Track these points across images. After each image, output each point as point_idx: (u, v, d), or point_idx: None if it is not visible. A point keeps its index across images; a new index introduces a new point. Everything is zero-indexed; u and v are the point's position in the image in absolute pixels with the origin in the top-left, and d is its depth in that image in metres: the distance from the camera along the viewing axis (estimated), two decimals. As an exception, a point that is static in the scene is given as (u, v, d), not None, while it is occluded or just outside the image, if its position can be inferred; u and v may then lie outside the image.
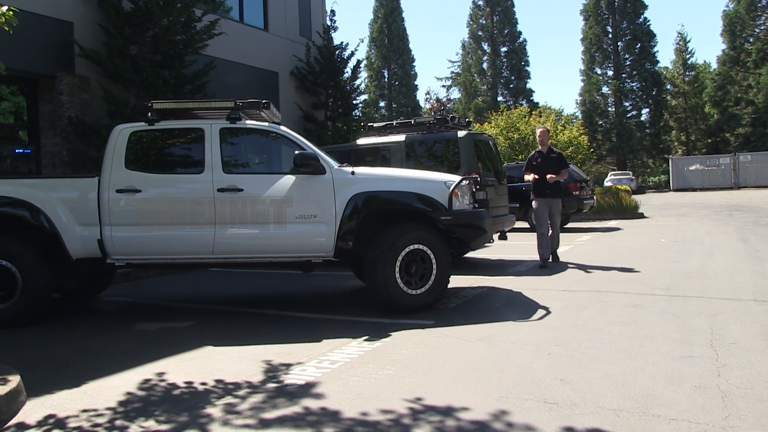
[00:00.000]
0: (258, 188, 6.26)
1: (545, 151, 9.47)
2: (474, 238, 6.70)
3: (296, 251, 6.31)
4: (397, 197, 6.33)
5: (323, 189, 6.26)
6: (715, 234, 12.96)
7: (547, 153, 9.45)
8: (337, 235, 6.20)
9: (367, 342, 5.19)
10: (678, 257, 9.57)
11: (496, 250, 11.15)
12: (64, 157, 11.29)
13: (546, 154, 9.44)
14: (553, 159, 9.41)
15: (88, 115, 11.54)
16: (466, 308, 6.47)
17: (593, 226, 16.54)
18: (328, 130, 19.36)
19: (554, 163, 9.38)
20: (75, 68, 11.51)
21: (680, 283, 7.36)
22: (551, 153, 9.48)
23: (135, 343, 5.61)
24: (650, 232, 14.17)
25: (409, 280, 6.26)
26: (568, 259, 9.85)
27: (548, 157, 9.42)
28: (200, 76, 12.84)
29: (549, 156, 9.43)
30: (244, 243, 6.26)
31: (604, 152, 52.68)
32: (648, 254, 10.13)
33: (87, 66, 11.61)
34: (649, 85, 52.15)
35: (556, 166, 9.37)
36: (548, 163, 9.37)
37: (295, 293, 8.20)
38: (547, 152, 9.46)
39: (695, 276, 7.80)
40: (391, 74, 56.26)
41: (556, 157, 9.44)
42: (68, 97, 11.33)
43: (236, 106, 6.56)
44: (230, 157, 6.49)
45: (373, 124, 11.12)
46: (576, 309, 6.16)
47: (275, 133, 6.56)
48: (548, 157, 9.42)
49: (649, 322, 5.49)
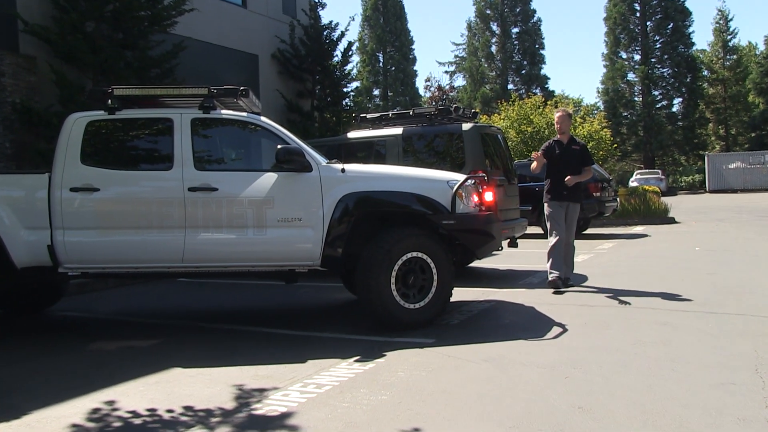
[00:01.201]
0: (235, 187, 6.27)
1: (566, 142, 8.46)
2: (480, 245, 6.73)
3: (278, 259, 6.32)
4: (393, 198, 6.35)
5: (309, 189, 6.27)
6: (759, 242, 13.03)
7: (567, 144, 8.44)
8: (325, 240, 6.22)
9: (359, 363, 5.20)
10: (715, 268, 9.63)
11: (505, 259, 11.18)
12: (7, 150, 11.22)
13: (567, 146, 8.43)
14: (576, 153, 8.42)
15: (36, 101, 11.47)
16: (471, 325, 6.49)
17: (616, 232, 16.61)
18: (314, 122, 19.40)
19: (576, 157, 8.41)
20: (19, 46, 11.44)
21: (718, 298, 7.40)
22: (573, 144, 8.48)
23: (90, 365, 5.60)
24: (682, 239, 14.26)
25: (406, 292, 6.29)
26: (588, 269, 9.90)
27: (569, 149, 8.42)
28: (168, 58, 12.86)
29: (570, 148, 8.42)
30: (218, 250, 6.26)
31: (630, 148, 52.91)
32: (680, 265, 10.19)
33: (34, 44, 11.55)
34: (682, 71, 52.35)
35: (579, 161, 8.41)
36: (569, 157, 8.38)
37: (277, 307, 8.20)
38: (568, 143, 8.46)
39: (735, 290, 7.84)
40: (386, 58, 56.40)
41: (579, 150, 8.47)
42: (11, 80, 11.25)
43: (210, 93, 6.56)
44: (203, 152, 6.50)
45: (366, 115, 11.16)
46: (597, 326, 6.19)
47: (255, 124, 6.57)
48: (569, 149, 8.42)
49: (682, 342, 5.51)
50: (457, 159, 9.61)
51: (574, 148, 8.45)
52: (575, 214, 8.52)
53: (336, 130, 18.66)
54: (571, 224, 8.47)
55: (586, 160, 8.48)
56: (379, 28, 55.73)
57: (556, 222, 8.38)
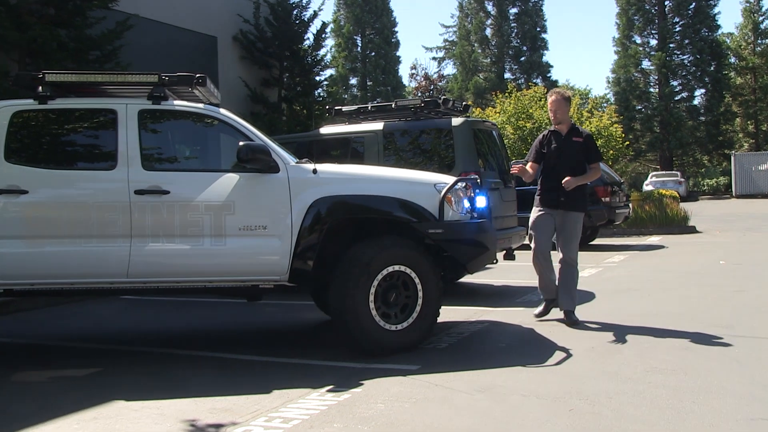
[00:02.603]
0: (189, 190, 6.28)
1: (564, 132, 7.68)
2: (472, 258, 6.77)
3: (239, 273, 6.32)
4: (372, 203, 6.39)
5: (276, 192, 6.29)
6: (790, 254, 13.20)
7: (567, 135, 7.66)
8: (294, 252, 6.24)
9: (332, 393, 5.21)
10: (743, 285, 9.72)
11: (500, 274, 11.25)
12: None
13: (566, 137, 7.65)
14: (578, 146, 7.64)
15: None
16: (462, 349, 6.53)
17: (628, 243, 16.77)
18: (282, 115, 19.41)
19: (579, 151, 7.65)
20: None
21: (746, 319, 7.48)
22: (574, 135, 7.67)
23: (14, 398, 5.55)
24: (705, 251, 14.41)
25: (387, 311, 6.32)
26: (596, 286, 9.98)
27: (569, 141, 7.63)
28: (111, 38, 12.79)
29: (571, 140, 7.63)
30: (169, 262, 6.25)
31: (644, 146, 53.26)
32: (702, 281, 10.30)
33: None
34: (705, 58, 52.75)
35: (583, 157, 7.69)
36: (569, 151, 7.61)
37: (238, 329, 8.19)
38: (568, 134, 7.66)
39: (766, 311, 7.93)
40: (365, 42, 56.53)
41: (582, 142, 7.66)
42: None
43: (161, 81, 6.55)
44: (152, 149, 6.50)
45: (342, 108, 11.19)
46: (606, 351, 6.25)
47: (213, 117, 6.59)
48: (569, 141, 7.63)
49: (705, 370, 5.56)
50: (445, 159, 9.67)
51: (575, 141, 7.64)
52: (576, 226, 7.66)
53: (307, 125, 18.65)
54: (570, 239, 7.63)
55: (592, 156, 7.73)
56: (357, 8, 55.84)
57: (541, 233, 7.67)
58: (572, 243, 7.65)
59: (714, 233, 18.65)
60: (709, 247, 15.23)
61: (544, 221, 7.65)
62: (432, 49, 64.14)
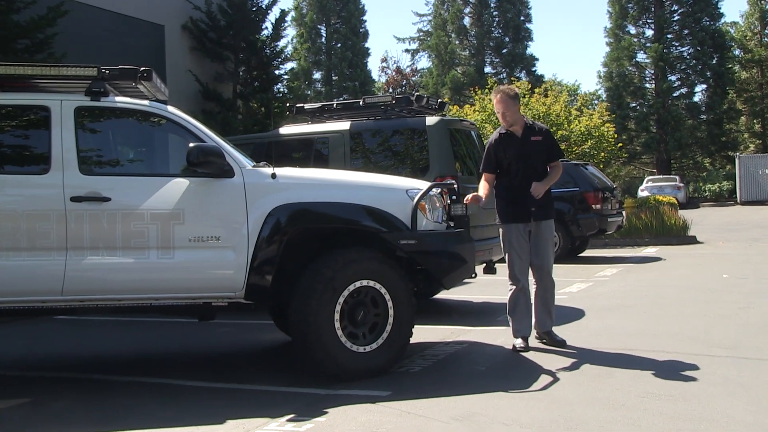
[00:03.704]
0: (133, 197, 6.26)
1: (520, 133, 7.47)
2: (448, 272, 6.82)
3: (189, 289, 6.31)
4: (337, 212, 6.43)
5: (230, 199, 6.30)
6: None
7: (524, 136, 7.46)
8: (250, 265, 6.24)
9: (293, 423, 5.23)
10: (748, 301, 9.82)
11: (480, 289, 11.33)
12: None
13: (523, 139, 7.45)
14: (538, 146, 7.47)
15: None
16: (437, 373, 6.56)
17: (622, 255, 16.93)
18: (238, 113, 19.42)
19: (540, 152, 7.50)
20: None
21: (752, 339, 7.56)
22: (532, 134, 7.49)
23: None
24: (706, 264, 14.57)
25: (354, 331, 6.35)
26: (585, 302, 10.08)
27: (527, 142, 7.45)
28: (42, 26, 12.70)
29: (529, 141, 7.45)
30: (110, 278, 6.22)
31: (639, 148, 53.54)
32: (703, 296, 10.43)
33: None
34: (707, 50, 53.07)
35: (544, 157, 7.54)
36: (530, 153, 7.45)
37: (188, 352, 8.17)
38: (525, 134, 7.47)
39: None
40: (330, 32, 56.58)
41: (542, 141, 7.50)
42: None
43: (100, 74, 6.53)
44: (91, 151, 6.48)
45: (305, 105, 11.22)
46: (596, 375, 6.32)
47: (160, 116, 6.58)
48: (527, 142, 7.45)
49: (706, 395, 5.62)
50: (419, 162, 9.75)
51: (534, 140, 7.46)
52: (549, 234, 7.59)
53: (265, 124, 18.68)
54: (547, 248, 7.54)
55: (554, 153, 7.60)
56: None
57: (518, 256, 7.45)
58: (549, 251, 7.57)
59: (717, 244, 18.88)
60: (712, 259, 15.40)
61: (521, 242, 7.45)
62: (404, 39, 64.47)
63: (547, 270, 7.53)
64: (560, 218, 14.44)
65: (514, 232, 7.44)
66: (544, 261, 7.52)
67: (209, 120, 17.61)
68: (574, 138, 23.45)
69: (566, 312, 9.23)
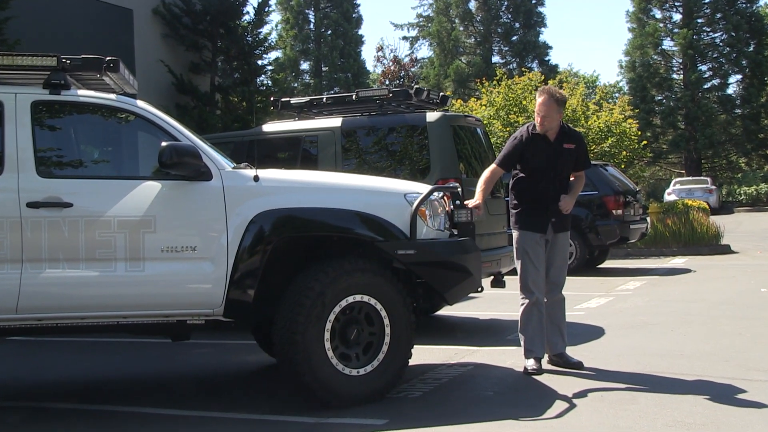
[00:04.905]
0: (98, 202, 6.24)
1: (553, 138, 7.51)
2: (452, 285, 6.83)
3: (162, 306, 6.29)
4: (327, 219, 6.43)
5: (207, 204, 6.30)
6: None
7: (557, 142, 7.51)
8: (230, 279, 6.23)
9: (277, 456, 5.25)
10: (789, 318, 9.83)
11: (487, 304, 11.35)
12: None
13: (555, 144, 7.51)
14: (568, 154, 7.57)
15: None
16: (440, 399, 6.56)
17: (646, 266, 16.94)
18: (216, 108, 19.42)
19: (569, 160, 7.61)
20: None
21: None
22: (565, 140, 7.55)
23: None
24: (741, 276, 14.57)
25: (346, 352, 6.35)
26: (605, 319, 10.09)
27: (560, 150, 7.52)
28: (-8, 10, 12.69)
29: (562, 149, 7.53)
30: (72, 293, 6.18)
31: (665, 146, 53.32)
32: (738, 313, 10.43)
33: None
34: (742, 36, 52.45)
35: (573, 166, 7.68)
36: (560, 162, 7.54)
37: (160, 376, 8.17)
38: (558, 140, 7.52)
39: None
40: (320, 18, 56.46)
41: (574, 150, 7.60)
42: None
43: (61, 64, 6.50)
44: (50, 151, 6.46)
45: (291, 100, 11.23)
46: (618, 401, 6.32)
47: (128, 111, 6.56)
48: (560, 150, 7.52)
49: (741, 425, 5.61)
50: (419, 162, 9.77)
51: (567, 148, 7.56)
52: (566, 246, 7.84)
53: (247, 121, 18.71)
54: (563, 262, 7.73)
55: (582, 162, 7.75)
56: (309, -26, 55.94)
57: (533, 265, 7.48)
58: (564, 265, 7.73)
59: (754, 254, 18.89)
60: (748, 271, 15.40)
61: (537, 253, 7.49)
62: (402, 26, 64.36)
63: (561, 285, 7.65)
64: (577, 225, 14.32)
65: (529, 239, 7.48)
66: (558, 275, 7.62)
67: (184, 116, 17.61)
68: (593, 135, 23.39)
69: (583, 330, 9.25)
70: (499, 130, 23.04)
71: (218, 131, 16.65)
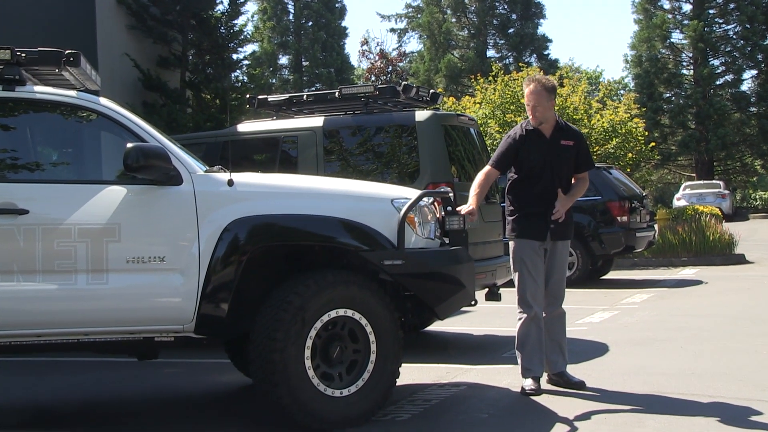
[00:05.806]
0: (57, 208, 6.23)
1: (549, 133, 7.54)
2: (443, 298, 6.83)
3: (126, 322, 6.28)
4: (307, 226, 6.44)
5: (177, 211, 6.29)
6: None
7: (553, 138, 7.53)
8: (202, 292, 6.22)
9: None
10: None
11: (481, 319, 11.38)
12: None
13: (551, 141, 7.52)
14: (566, 151, 7.56)
15: None
16: (430, 421, 6.58)
17: (654, 278, 17.02)
18: (187, 106, 19.41)
19: (568, 159, 7.60)
20: None
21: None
22: (563, 137, 7.58)
23: None
24: (757, 288, 14.64)
25: (328, 372, 6.35)
26: (609, 335, 10.11)
27: (557, 147, 7.53)
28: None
29: (559, 146, 7.53)
30: (28, 309, 6.15)
31: (674, 147, 53.46)
32: (753, 329, 10.47)
33: None
34: (758, 29, 52.69)
35: (573, 166, 7.67)
36: (557, 159, 7.52)
37: (126, 399, 8.15)
38: (554, 136, 7.54)
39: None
40: (300, 8, 56.56)
41: (572, 145, 7.59)
42: None
43: (15, 58, 6.48)
44: (3, 153, 6.43)
45: (269, 97, 11.24)
46: (623, 424, 6.34)
47: (90, 109, 6.55)
48: (557, 147, 7.53)
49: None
50: (407, 165, 9.79)
51: (564, 145, 7.56)
52: (566, 256, 7.85)
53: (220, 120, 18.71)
54: (562, 274, 7.71)
55: (583, 163, 7.73)
56: (288, -40, 56.02)
57: (531, 276, 7.46)
58: (564, 277, 7.72)
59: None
60: (764, 282, 15.48)
61: (534, 260, 7.48)
62: (390, 17, 64.54)
63: (561, 299, 7.66)
64: (579, 233, 14.37)
65: (527, 248, 7.46)
66: (558, 288, 7.62)
67: (151, 115, 17.58)
68: (596, 136, 23.45)
69: (586, 347, 9.28)
70: (495, 131, 23.07)
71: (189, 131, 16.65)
